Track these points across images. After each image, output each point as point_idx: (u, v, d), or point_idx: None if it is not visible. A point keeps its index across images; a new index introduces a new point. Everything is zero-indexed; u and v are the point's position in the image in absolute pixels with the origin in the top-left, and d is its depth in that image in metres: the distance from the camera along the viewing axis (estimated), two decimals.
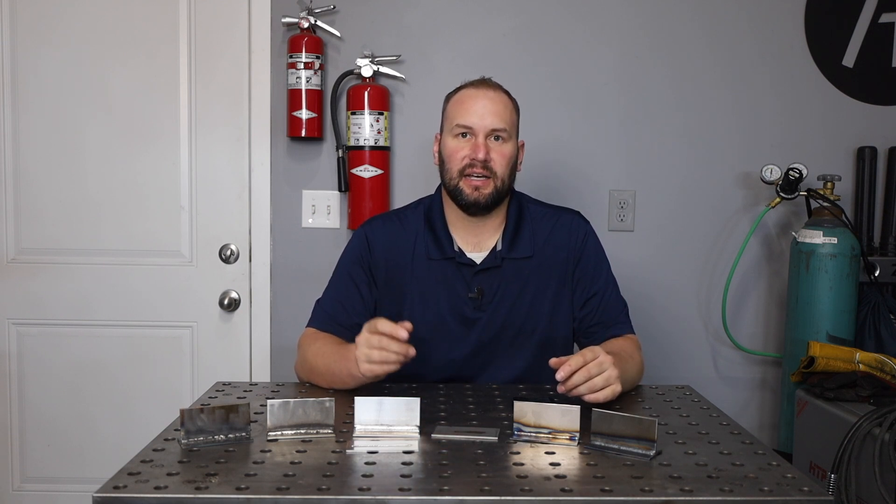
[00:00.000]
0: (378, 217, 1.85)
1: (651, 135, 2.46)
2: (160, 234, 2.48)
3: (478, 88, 1.71)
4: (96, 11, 2.43)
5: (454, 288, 1.72)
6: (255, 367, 2.50)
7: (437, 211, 1.76)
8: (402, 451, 1.20)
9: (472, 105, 1.68)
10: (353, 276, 1.75)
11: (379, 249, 1.75)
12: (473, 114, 1.67)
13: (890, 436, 1.61)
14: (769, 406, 2.50)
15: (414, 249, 1.74)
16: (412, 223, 1.77)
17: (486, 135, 1.67)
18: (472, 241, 1.74)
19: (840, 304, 2.16)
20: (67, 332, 2.49)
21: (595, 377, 1.37)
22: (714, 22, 2.44)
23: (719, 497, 1.05)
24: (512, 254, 1.73)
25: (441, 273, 1.72)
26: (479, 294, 1.71)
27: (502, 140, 1.68)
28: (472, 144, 1.67)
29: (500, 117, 1.67)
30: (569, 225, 1.78)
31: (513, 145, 1.71)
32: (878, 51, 2.43)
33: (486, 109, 1.67)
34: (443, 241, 1.73)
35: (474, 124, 1.66)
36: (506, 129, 1.68)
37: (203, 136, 2.46)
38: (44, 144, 2.46)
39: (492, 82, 1.73)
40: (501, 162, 1.68)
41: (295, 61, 2.35)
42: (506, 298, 1.72)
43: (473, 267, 1.71)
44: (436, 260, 1.72)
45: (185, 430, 1.21)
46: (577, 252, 1.76)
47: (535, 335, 1.73)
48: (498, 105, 1.68)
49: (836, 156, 2.45)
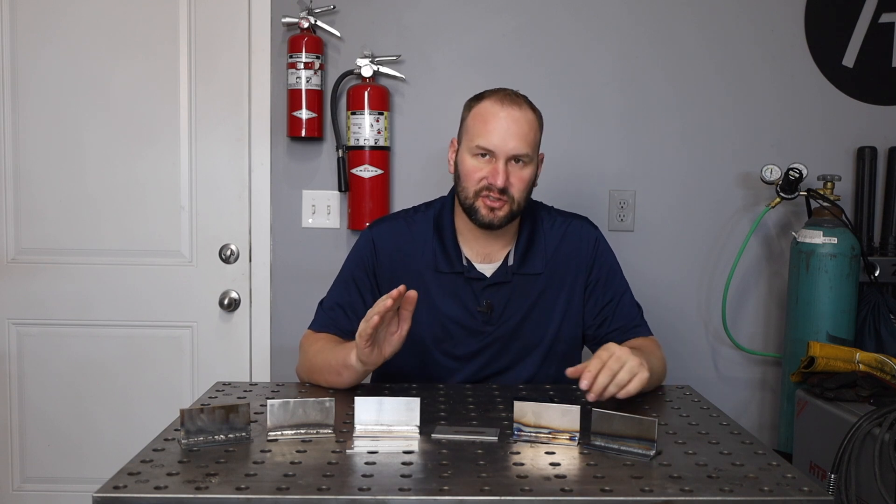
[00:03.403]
0: (386, 219, 1.81)
1: (651, 135, 2.46)
2: (160, 234, 2.48)
3: (502, 105, 1.61)
4: (96, 11, 2.43)
5: (462, 300, 1.69)
6: (255, 367, 2.50)
7: (447, 218, 1.73)
8: (402, 451, 1.20)
9: (495, 126, 1.60)
10: (357, 280, 1.73)
11: (385, 254, 1.72)
12: (495, 135, 1.59)
13: (890, 436, 1.61)
14: (769, 406, 2.50)
15: (422, 258, 1.71)
16: (421, 228, 1.73)
17: (506, 159, 1.60)
18: (483, 252, 1.71)
19: (840, 304, 2.16)
20: (67, 332, 2.49)
21: (618, 372, 1.35)
22: (714, 22, 2.44)
23: (719, 497, 1.05)
24: (523, 269, 1.70)
25: (450, 285, 1.69)
26: (489, 309, 1.69)
27: (523, 164, 1.62)
28: (491, 169, 1.60)
29: (523, 140, 1.60)
30: (578, 233, 1.76)
31: (533, 168, 1.65)
32: (878, 51, 2.43)
33: (508, 132, 1.59)
34: (451, 255, 1.70)
35: (496, 147, 1.59)
36: (528, 153, 1.61)
37: (203, 136, 2.46)
38: (44, 144, 2.46)
39: (517, 97, 1.65)
40: (520, 186, 1.62)
41: (295, 61, 2.35)
42: (515, 313, 1.70)
43: (483, 281, 1.69)
44: (444, 273, 1.70)
45: (185, 430, 1.21)
46: (588, 260, 1.75)
47: (542, 345, 1.72)
48: (522, 126, 1.61)
49: (836, 156, 2.45)
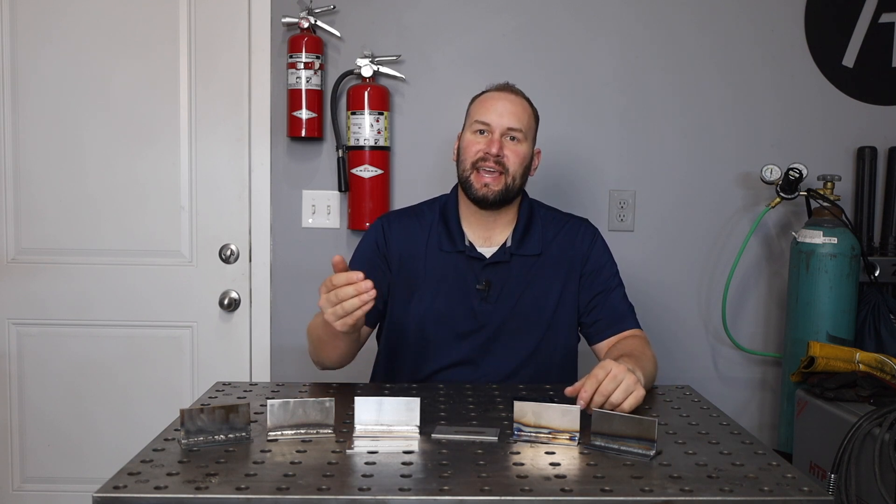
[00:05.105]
0: (395, 211, 1.93)
1: (651, 135, 2.46)
2: (160, 234, 2.48)
3: (500, 91, 1.79)
4: (96, 11, 2.43)
5: (463, 279, 1.77)
6: (255, 367, 2.50)
7: (451, 207, 1.83)
8: (402, 451, 1.20)
9: (493, 104, 1.76)
10: (367, 263, 1.79)
11: (394, 239, 1.81)
12: (493, 112, 1.75)
13: (890, 436, 1.61)
14: (769, 406, 2.50)
15: (427, 241, 1.81)
16: (427, 217, 1.84)
17: (501, 133, 1.74)
18: (484, 235, 1.80)
19: (840, 304, 2.16)
20: (67, 332, 2.49)
21: (613, 392, 1.36)
22: (714, 22, 2.44)
23: (719, 497, 1.05)
24: (521, 250, 1.79)
25: (452, 265, 1.78)
26: (487, 286, 1.76)
27: (517, 141, 1.75)
28: (487, 140, 1.74)
29: (517, 118, 1.75)
30: (577, 228, 1.86)
31: (527, 147, 1.78)
32: (878, 51, 2.43)
33: (504, 109, 1.75)
34: (455, 235, 1.79)
35: (492, 121, 1.74)
36: (521, 129, 1.75)
37: (203, 136, 2.46)
38: (44, 144, 2.46)
39: (515, 88, 1.81)
40: (515, 160, 1.74)
41: (295, 61, 2.35)
42: (512, 292, 1.77)
43: (483, 260, 1.77)
44: (447, 252, 1.79)
45: (185, 430, 1.21)
46: (585, 252, 1.82)
47: (539, 327, 1.78)
48: (517, 107, 1.76)
49: (836, 156, 2.45)
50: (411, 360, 1.78)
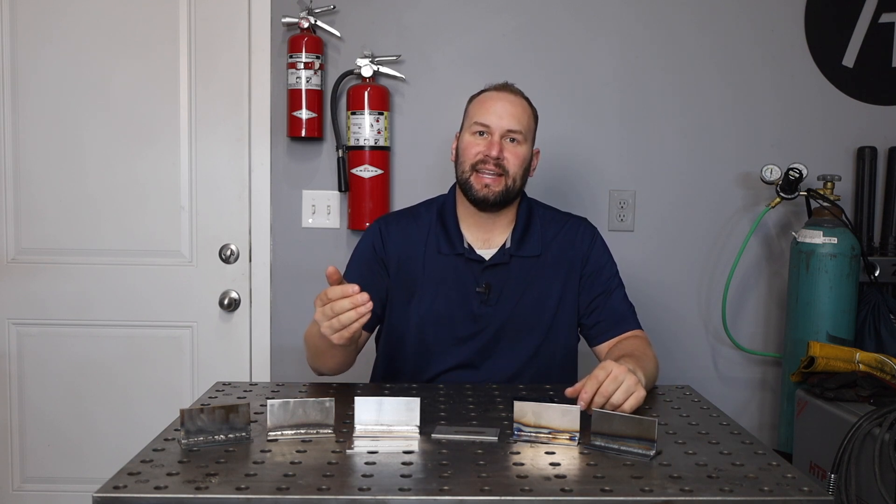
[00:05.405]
0: (392, 213, 1.91)
1: (651, 135, 2.46)
2: (160, 234, 2.48)
3: (499, 91, 1.77)
4: (96, 11, 2.43)
5: (463, 283, 1.76)
6: (255, 367, 2.50)
7: (449, 208, 1.81)
8: (402, 451, 1.20)
9: (492, 105, 1.74)
10: (365, 267, 1.78)
11: (392, 242, 1.79)
12: (492, 113, 1.73)
13: (890, 436, 1.61)
14: (769, 406, 2.50)
15: (426, 244, 1.79)
16: (425, 219, 1.82)
17: (501, 134, 1.72)
18: (483, 237, 1.78)
19: (840, 304, 2.16)
20: (67, 332, 2.49)
21: (614, 393, 1.35)
22: (714, 22, 2.44)
23: (719, 497, 1.05)
24: (520, 252, 1.77)
25: (451, 268, 1.76)
26: (487, 289, 1.74)
27: (517, 142, 1.74)
28: (487, 142, 1.72)
29: (517, 119, 1.73)
30: (577, 228, 1.84)
31: (527, 148, 1.76)
32: (878, 51, 2.43)
33: (504, 110, 1.73)
34: (453, 238, 1.77)
35: (492, 123, 1.72)
36: (521, 131, 1.73)
37: (203, 136, 2.46)
38: (44, 144, 2.46)
39: (514, 88, 1.79)
40: (515, 162, 1.73)
41: (295, 61, 2.35)
42: (512, 294, 1.75)
43: (482, 263, 1.76)
44: (446, 255, 1.76)
45: (185, 430, 1.21)
46: (585, 253, 1.81)
47: (539, 329, 1.76)
48: (517, 108, 1.74)
49: (836, 156, 2.45)
50: (411, 365, 1.77)
